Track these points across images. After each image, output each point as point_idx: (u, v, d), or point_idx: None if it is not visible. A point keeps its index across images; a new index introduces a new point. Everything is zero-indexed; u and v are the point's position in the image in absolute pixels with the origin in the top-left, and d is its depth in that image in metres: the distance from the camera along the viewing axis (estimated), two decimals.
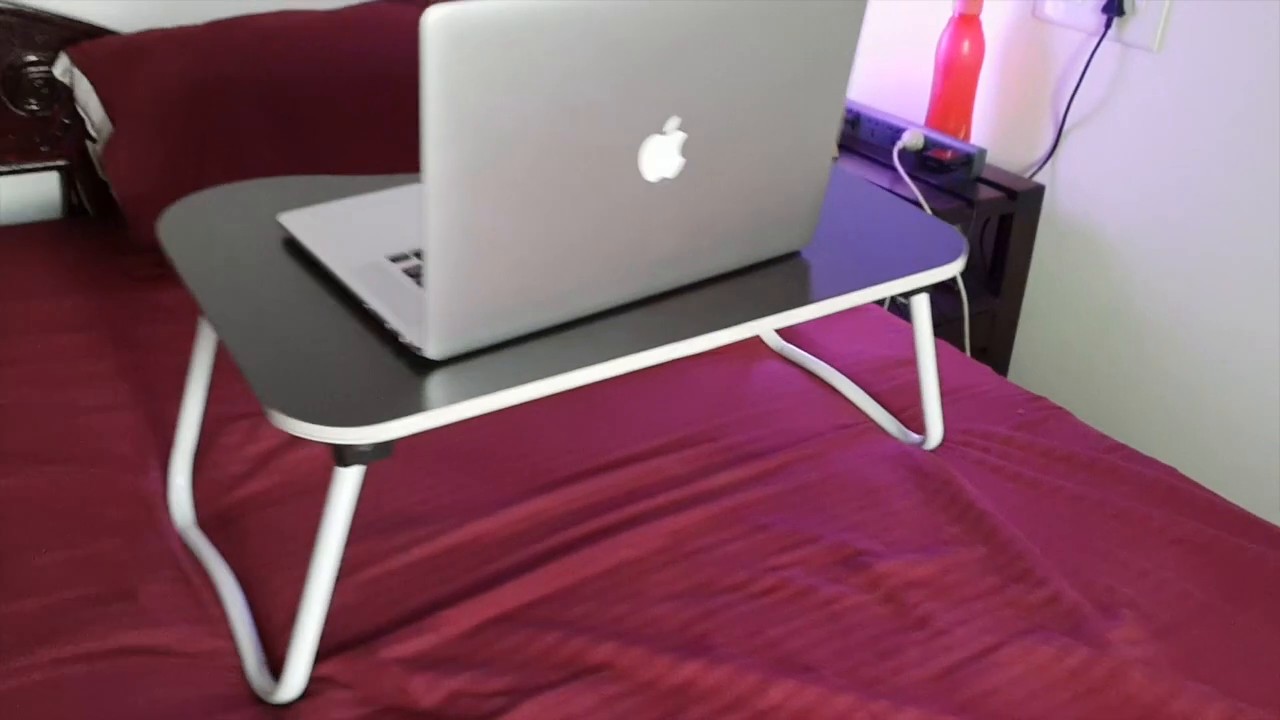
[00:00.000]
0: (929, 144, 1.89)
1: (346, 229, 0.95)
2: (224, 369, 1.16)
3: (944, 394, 1.26)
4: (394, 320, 0.84)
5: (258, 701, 0.86)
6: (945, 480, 1.10)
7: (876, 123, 1.98)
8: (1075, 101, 1.85)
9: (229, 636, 0.92)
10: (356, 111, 1.52)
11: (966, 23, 1.89)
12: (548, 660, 0.89)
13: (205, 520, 1.04)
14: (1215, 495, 1.11)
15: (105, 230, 1.51)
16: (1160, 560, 1.02)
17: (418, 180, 1.06)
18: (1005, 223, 1.89)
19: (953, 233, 1.04)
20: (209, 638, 0.91)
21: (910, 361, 1.32)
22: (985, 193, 1.86)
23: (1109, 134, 1.82)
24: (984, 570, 1.00)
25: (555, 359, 0.83)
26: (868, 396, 1.24)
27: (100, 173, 1.49)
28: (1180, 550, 1.03)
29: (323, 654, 0.89)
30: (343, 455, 0.78)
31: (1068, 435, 1.21)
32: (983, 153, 1.88)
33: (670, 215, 0.86)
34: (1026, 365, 2.02)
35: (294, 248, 0.96)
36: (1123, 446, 1.20)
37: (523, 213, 0.77)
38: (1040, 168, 1.92)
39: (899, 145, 1.90)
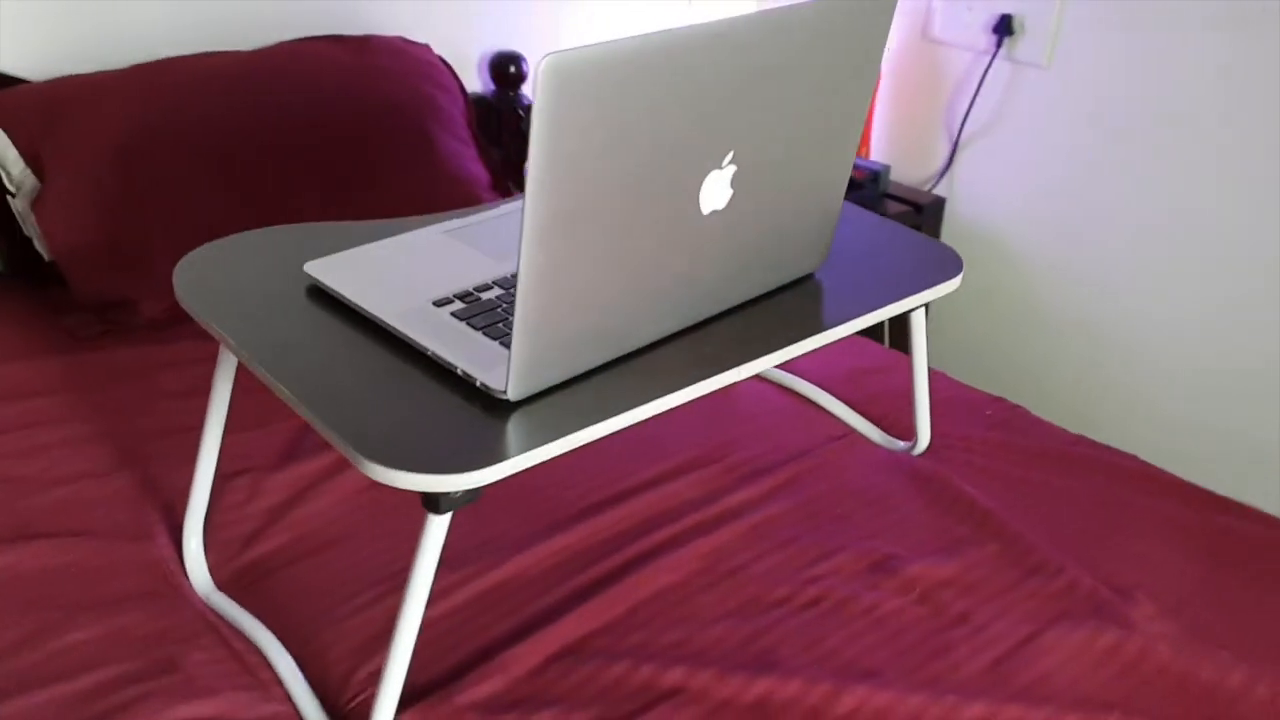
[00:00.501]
0: None
1: (376, 275, 0.94)
2: None
3: (934, 400, 1.32)
4: (463, 365, 0.83)
5: None
6: (944, 483, 1.16)
7: None
8: (969, 117, 1.96)
9: (284, 700, 0.89)
10: (294, 153, 1.49)
11: None
12: (621, 690, 0.90)
13: (224, 583, 1.01)
14: (1180, 478, 1.20)
15: (31, 289, 1.44)
16: (1153, 543, 1.10)
17: (427, 222, 1.06)
18: None
19: (948, 249, 1.09)
20: (264, 702, 0.89)
21: (875, 370, 1.37)
22: (893, 207, 1.95)
23: (1002, 146, 1.93)
24: (1002, 565, 1.05)
25: (624, 392, 0.84)
26: (848, 408, 1.29)
27: (24, 228, 1.42)
28: (1168, 531, 1.11)
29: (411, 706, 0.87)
30: (437, 503, 0.78)
31: (1035, 431, 1.28)
32: (887, 169, 1.97)
33: (717, 245, 0.89)
34: (940, 365, 2.12)
35: (320, 295, 0.94)
36: (1084, 438, 1.28)
37: (601, 251, 0.79)
38: (938, 180, 2.03)
39: None
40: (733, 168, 0.85)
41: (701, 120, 0.79)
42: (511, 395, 0.81)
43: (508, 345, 0.85)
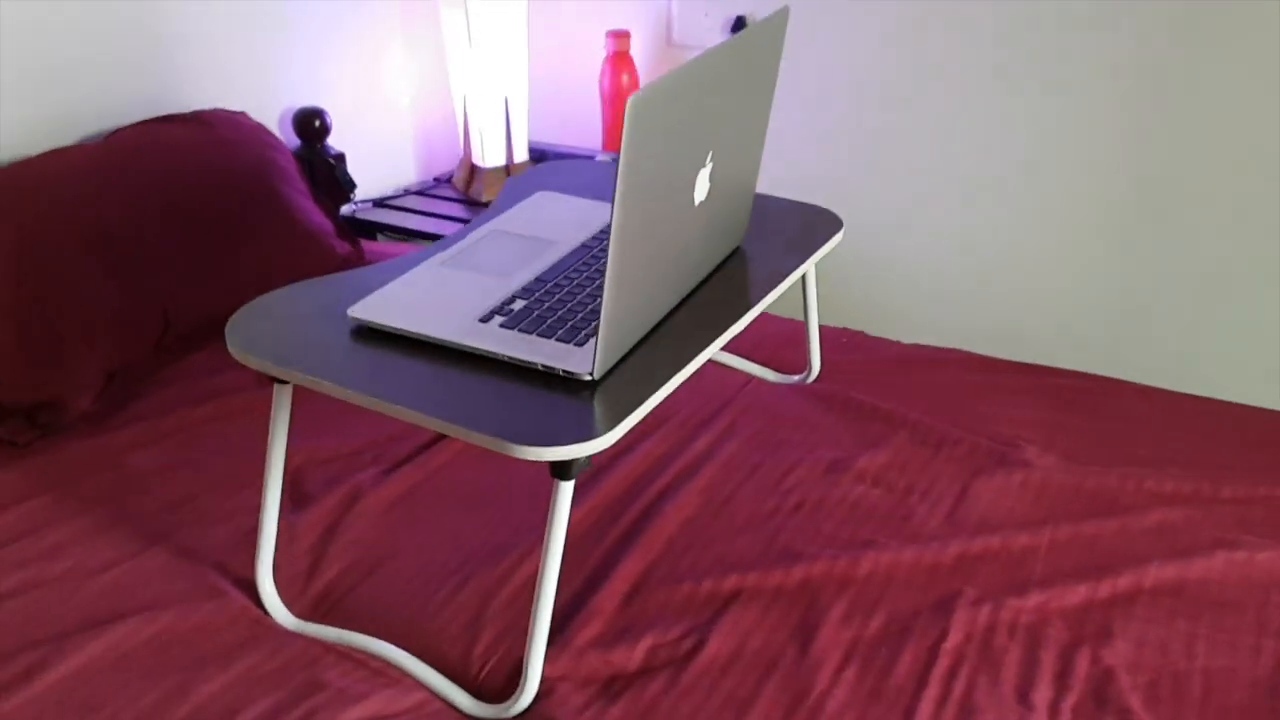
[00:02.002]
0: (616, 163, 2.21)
1: (414, 308, 1.08)
2: (207, 485, 1.22)
3: (782, 341, 1.58)
4: (541, 360, 1.00)
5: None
6: (844, 397, 1.42)
7: (563, 156, 2.26)
8: None
9: (422, 688, 1.02)
10: (170, 229, 1.55)
11: (620, 59, 2.22)
12: (696, 602, 1.10)
13: (305, 614, 1.11)
14: (1010, 360, 1.53)
15: None
16: (1012, 405, 1.41)
17: (418, 258, 1.20)
18: None
19: (826, 211, 1.35)
20: (407, 695, 1.01)
21: None
22: None
23: None
24: (917, 445, 1.33)
25: (667, 357, 1.03)
26: (741, 359, 1.53)
27: None
28: (1020, 395, 1.43)
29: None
30: (566, 470, 0.94)
31: (882, 346, 1.57)
32: None
33: (700, 228, 1.10)
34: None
35: (367, 334, 1.07)
36: (920, 345, 1.59)
37: (649, 246, 0.98)
38: None
39: None
40: (710, 165, 1.06)
41: (697, 130, 1.00)
42: (596, 375, 0.98)
43: (563, 339, 1.03)
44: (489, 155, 2.17)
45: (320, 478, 1.28)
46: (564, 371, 0.99)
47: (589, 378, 0.99)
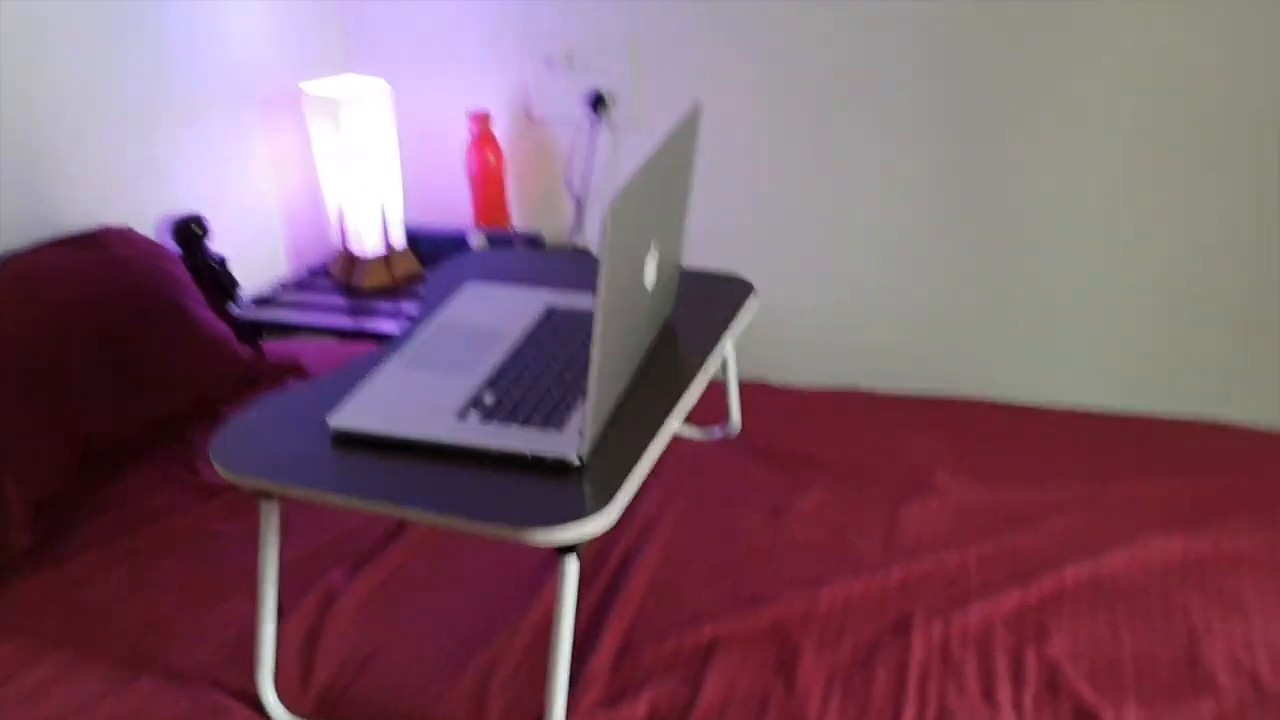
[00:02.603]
0: (491, 240, 2.29)
1: (390, 412, 1.14)
2: (174, 606, 1.25)
3: None
4: (529, 448, 1.08)
5: None
6: (767, 448, 1.55)
7: (436, 236, 2.34)
8: (588, 177, 2.36)
9: None
10: (82, 353, 1.56)
11: (484, 138, 2.31)
12: (682, 655, 1.19)
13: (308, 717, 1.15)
14: (898, 396, 1.68)
15: None
16: (921, 436, 1.56)
17: (373, 361, 1.25)
18: None
19: (738, 278, 1.47)
20: None
21: None
22: None
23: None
24: (841, 485, 1.46)
25: (637, 434, 1.12)
26: None
27: None
28: (923, 427, 1.58)
29: None
30: (575, 549, 1.02)
31: (784, 395, 1.70)
32: (540, 233, 2.32)
33: (648, 311, 1.20)
34: None
35: (347, 441, 1.12)
36: (817, 390, 1.72)
37: (619, 332, 1.08)
38: (575, 234, 2.41)
39: (474, 248, 2.27)
40: (656, 252, 1.17)
41: (648, 222, 1.11)
42: (584, 456, 1.07)
43: (541, 426, 1.11)
44: (367, 244, 2.22)
45: (291, 583, 1.31)
46: (552, 458, 1.07)
47: (577, 462, 1.07)
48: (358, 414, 1.14)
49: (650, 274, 1.16)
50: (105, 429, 1.57)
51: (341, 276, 2.26)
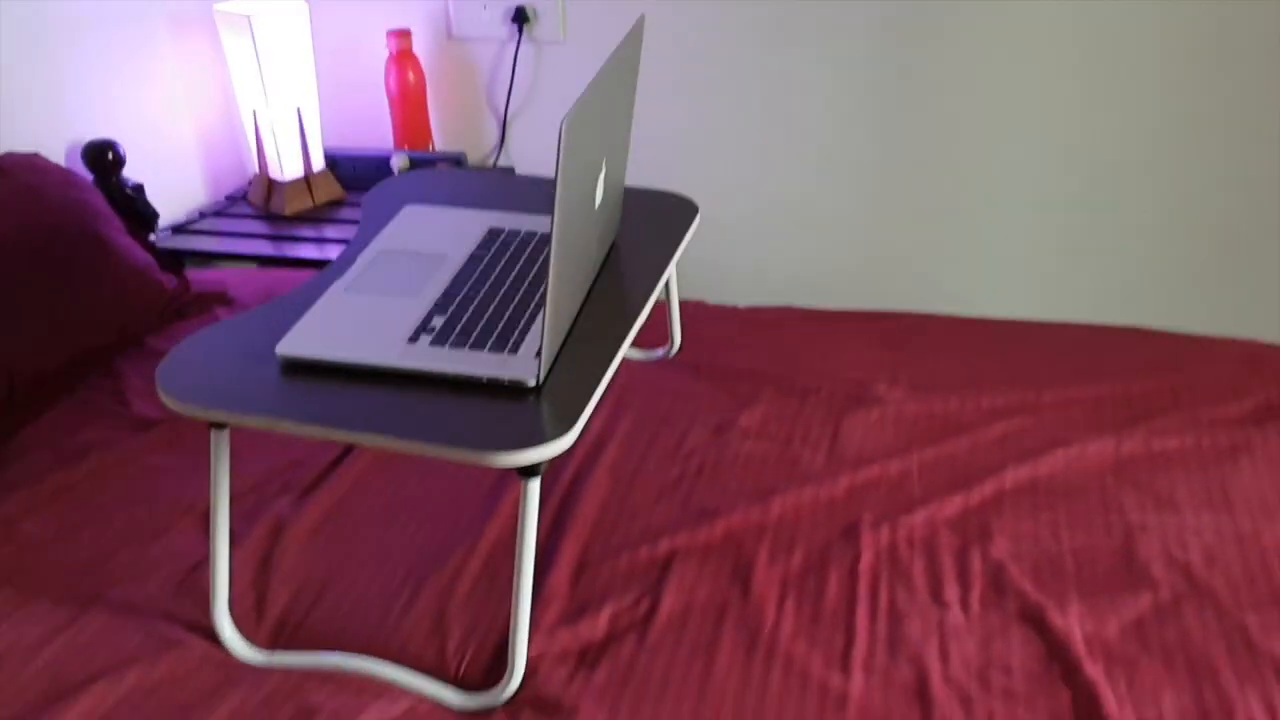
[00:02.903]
0: (414, 162, 2.25)
1: (338, 338, 1.12)
2: (116, 541, 1.23)
3: None
4: (485, 372, 1.07)
5: (489, 711, 1.06)
6: (709, 365, 1.55)
7: (356, 158, 2.28)
8: (511, 95, 2.32)
9: (407, 694, 1.08)
10: (7, 289, 1.50)
11: (404, 56, 2.25)
12: (638, 569, 1.20)
13: (266, 647, 1.14)
14: (832, 310, 1.70)
15: None
16: (858, 349, 1.58)
17: (317, 287, 1.23)
18: None
19: (685, 199, 1.46)
20: (394, 703, 1.06)
21: None
22: None
23: (540, 115, 2.33)
24: (784, 397, 1.48)
25: (593, 352, 1.12)
26: None
27: None
28: (860, 340, 1.60)
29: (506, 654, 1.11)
30: (536, 470, 1.02)
31: (724, 314, 1.71)
32: (464, 154, 2.28)
33: (596, 231, 1.19)
34: None
35: (296, 368, 1.10)
36: (755, 307, 1.74)
37: (572, 252, 1.07)
38: (497, 155, 2.38)
39: (397, 169, 2.23)
40: (604, 170, 1.16)
41: (598, 140, 1.09)
42: (540, 379, 1.06)
43: (494, 349, 1.10)
44: (286, 168, 2.16)
45: (237, 514, 1.30)
46: (509, 381, 1.07)
47: (533, 383, 1.06)
48: (305, 341, 1.12)
49: (599, 193, 1.15)
50: (27, 365, 1.52)
51: (260, 203, 2.20)
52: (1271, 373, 1.47)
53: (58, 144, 1.88)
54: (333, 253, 2.04)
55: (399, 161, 2.23)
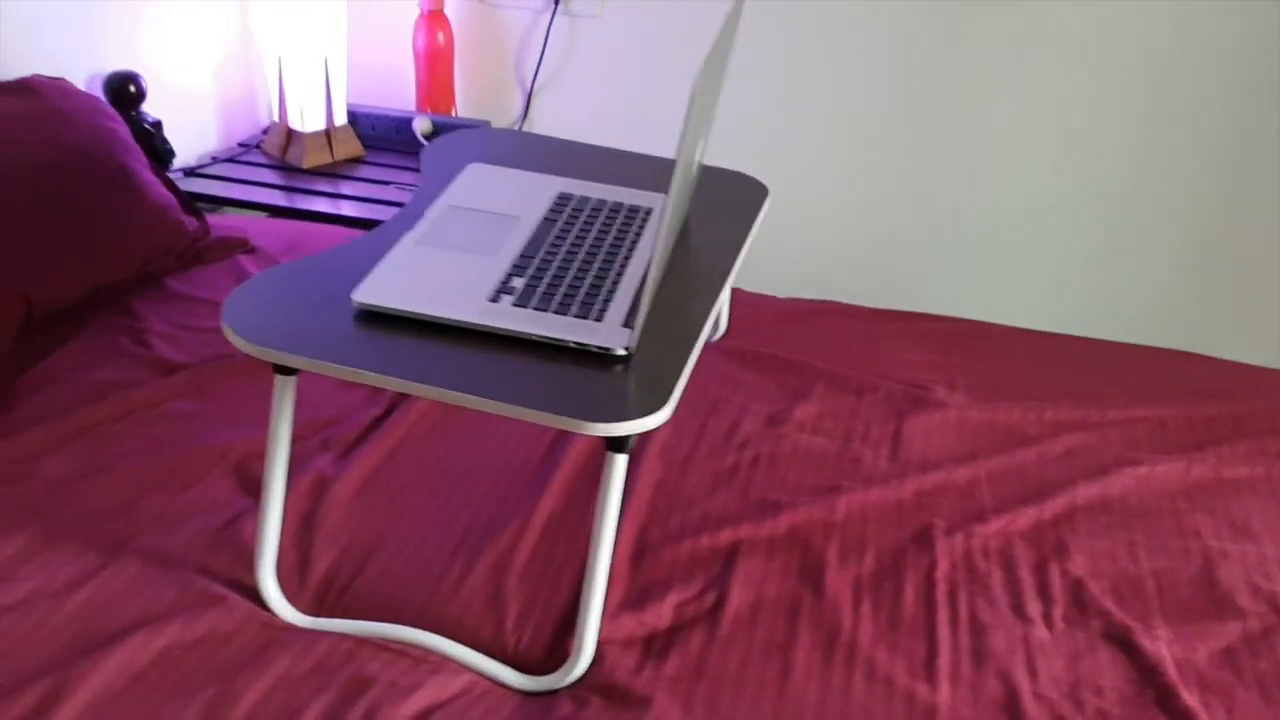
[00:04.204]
0: (436, 126, 2.18)
1: (416, 291, 1.05)
2: (143, 487, 1.15)
3: None
4: (572, 337, 1.01)
5: (550, 693, 1.00)
6: (757, 354, 1.50)
7: (376, 117, 2.20)
8: (540, 67, 2.25)
9: (464, 671, 1.02)
10: (17, 210, 1.41)
11: (435, 17, 2.18)
12: (700, 558, 1.15)
13: (309, 611, 1.07)
14: (876, 308, 1.66)
15: None
16: (908, 351, 1.54)
17: (383, 237, 1.16)
18: None
19: (754, 180, 1.41)
20: (452, 679, 1.00)
21: None
22: None
23: (568, 88, 2.26)
24: (839, 393, 1.43)
25: (678, 324, 1.06)
26: None
27: None
28: (908, 341, 1.56)
29: (572, 632, 1.05)
30: (622, 444, 0.97)
31: (763, 303, 1.66)
32: (488, 122, 2.21)
33: (684, 203, 1.14)
34: None
35: (372, 318, 1.03)
36: (795, 299, 1.69)
37: (674, 221, 1.01)
38: (520, 126, 2.31)
39: (419, 132, 2.15)
40: (702, 142, 1.10)
41: (706, 111, 1.04)
42: (631, 348, 1.00)
43: (579, 315, 1.04)
44: (308, 120, 2.07)
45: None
46: (598, 348, 1.01)
47: (623, 352, 1.01)
48: (381, 291, 1.05)
49: (696, 165, 1.10)
50: (45, 293, 1.43)
51: (276, 153, 2.12)
52: None
53: (79, 73, 1.78)
54: (348, 209, 1.96)
55: (421, 124, 2.16)
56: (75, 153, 1.52)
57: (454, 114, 2.26)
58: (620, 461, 0.98)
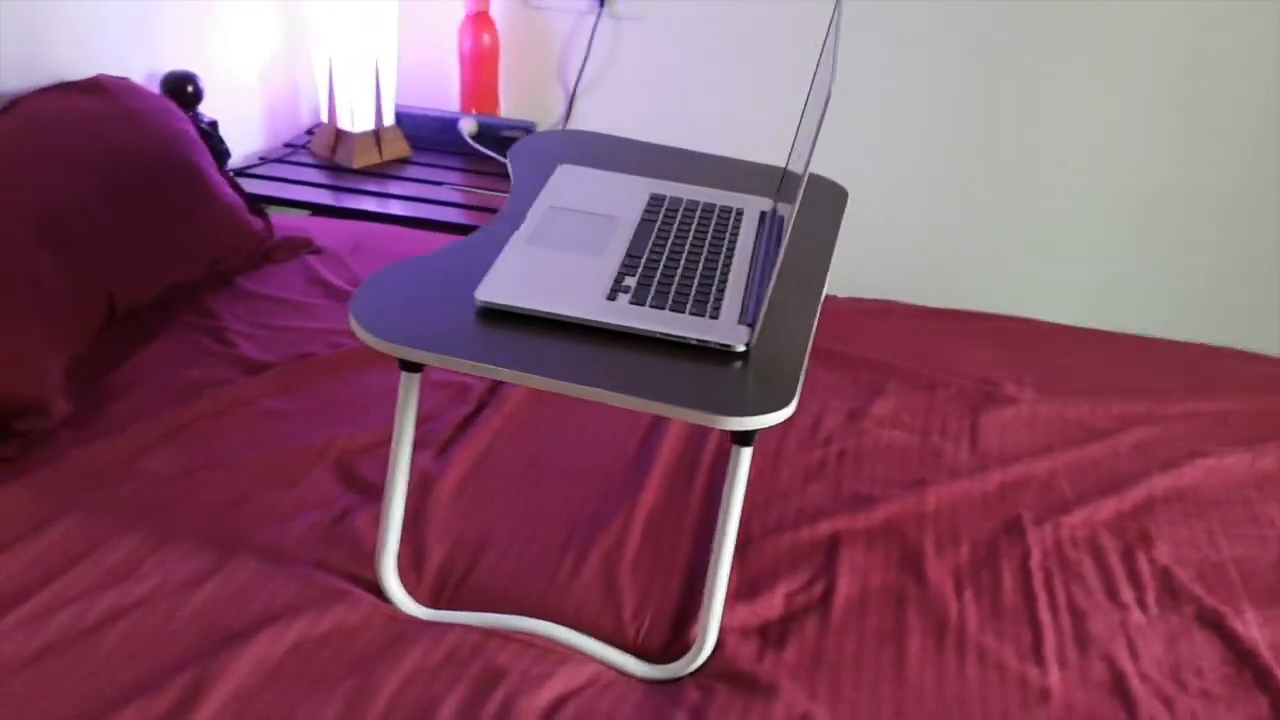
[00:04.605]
0: (482, 128, 2.20)
1: (535, 290, 1.08)
2: (248, 485, 1.17)
3: None
4: (693, 334, 1.04)
5: (673, 681, 1.03)
6: (828, 351, 1.54)
7: (420, 117, 2.22)
8: (584, 69, 2.28)
9: (589, 661, 1.04)
10: (103, 206, 1.43)
11: (481, 19, 2.20)
12: (802, 550, 1.18)
13: (428, 604, 1.10)
14: (938, 308, 1.70)
15: None
16: (974, 349, 1.57)
17: (488, 239, 1.18)
18: None
19: (834, 183, 1.44)
20: (579, 669, 1.03)
21: None
22: None
23: (610, 92, 2.29)
24: (913, 389, 1.47)
25: (787, 321, 1.09)
26: None
27: None
28: (972, 339, 1.60)
29: (688, 621, 1.08)
30: (749, 438, 1.00)
31: (826, 302, 1.69)
32: (534, 124, 2.24)
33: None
34: None
35: (491, 316, 1.06)
36: (855, 299, 1.72)
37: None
38: (563, 127, 2.34)
39: (466, 134, 2.18)
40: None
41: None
42: (749, 345, 1.03)
43: (695, 313, 1.07)
44: (358, 120, 2.09)
45: (373, 466, 1.25)
46: (719, 344, 1.03)
47: (742, 349, 1.04)
48: (503, 289, 1.07)
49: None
50: (126, 291, 1.45)
51: (325, 152, 2.13)
52: None
53: (137, 73, 1.80)
54: (397, 209, 1.98)
55: (468, 126, 2.18)
56: (150, 153, 1.53)
57: (498, 115, 2.29)
58: (746, 455, 1.01)
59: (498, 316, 1.06)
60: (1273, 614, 1.12)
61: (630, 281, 1.11)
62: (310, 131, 2.25)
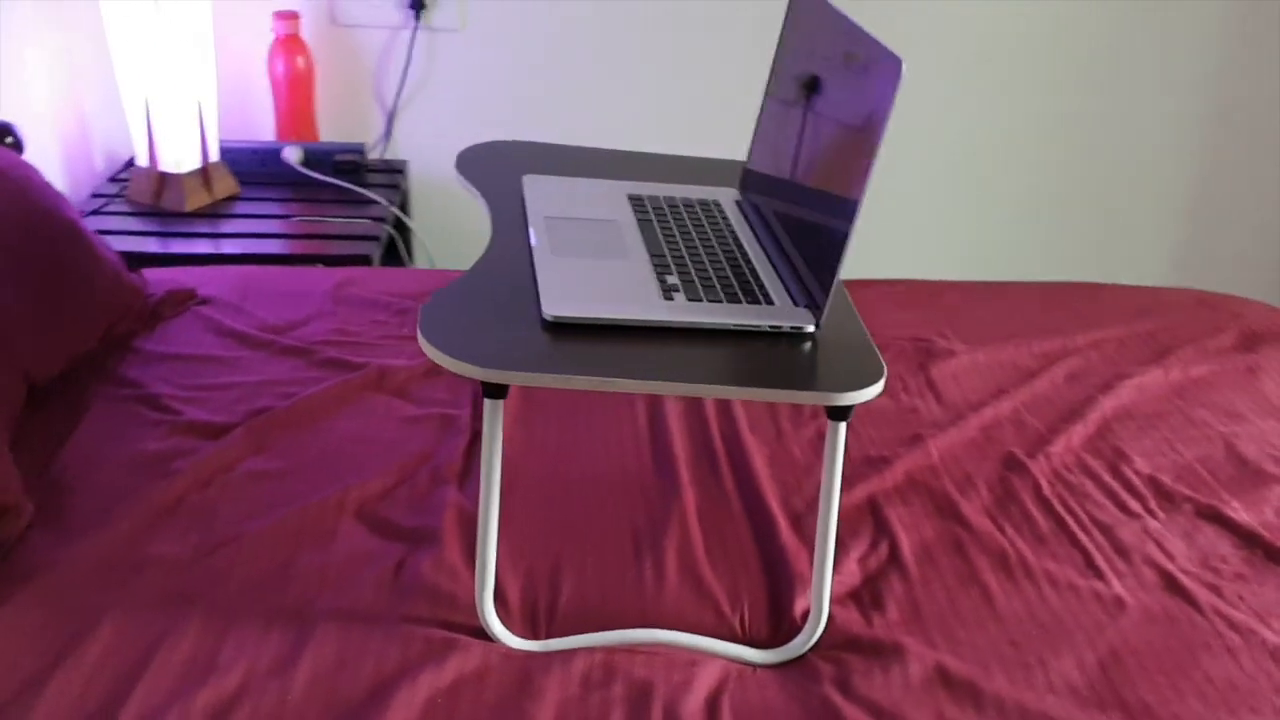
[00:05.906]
0: (308, 155, 2.10)
1: (595, 298, 1.06)
2: (277, 553, 1.10)
3: None
4: (764, 321, 1.06)
5: (793, 661, 1.06)
6: None
7: (240, 151, 2.09)
8: (399, 84, 2.22)
9: (709, 659, 1.05)
10: (6, 279, 1.28)
11: (292, 40, 2.10)
12: (849, 515, 1.23)
13: (522, 633, 1.07)
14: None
15: None
16: (897, 313, 1.68)
17: (503, 259, 1.15)
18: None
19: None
20: (707, 668, 1.03)
21: None
22: (374, 178, 2.16)
23: (431, 105, 2.25)
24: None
25: (840, 300, 1.14)
26: None
27: None
28: (887, 304, 1.70)
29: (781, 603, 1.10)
30: (845, 413, 1.03)
31: None
32: (364, 146, 2.16)
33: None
34: None
35: (558, 330, 1.03)
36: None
37: None
38: (383, 146, 2.26)
39: (295, 163, 2.07)
40: None
41: None
42: (820, 327, 1.07)
43: (752, 302, 1.09)
44: (184, 160, 1.95)
45: (398, 511, 1.19)
46: (791, 328, 1.06)
47: (812, 330, 1.07)
48: (566, 302, 1.05)
49: None
50: (39, 366, 1.30)
51: (147, 199, 1.97)
52: (1228, 314, 1.71)
53: None
54: (229, 248, 1.85)
55: (294, 154, 2.08)
56: (31, 212, 1.37)
57: (313, 139, 2.18)
58: (843, 429, 1.04)
59: (564, 329, 1.04)
60: (1251, 499, 1.28)
61: (673, 280, 1.12)
62: (115, 179, 2.06)
